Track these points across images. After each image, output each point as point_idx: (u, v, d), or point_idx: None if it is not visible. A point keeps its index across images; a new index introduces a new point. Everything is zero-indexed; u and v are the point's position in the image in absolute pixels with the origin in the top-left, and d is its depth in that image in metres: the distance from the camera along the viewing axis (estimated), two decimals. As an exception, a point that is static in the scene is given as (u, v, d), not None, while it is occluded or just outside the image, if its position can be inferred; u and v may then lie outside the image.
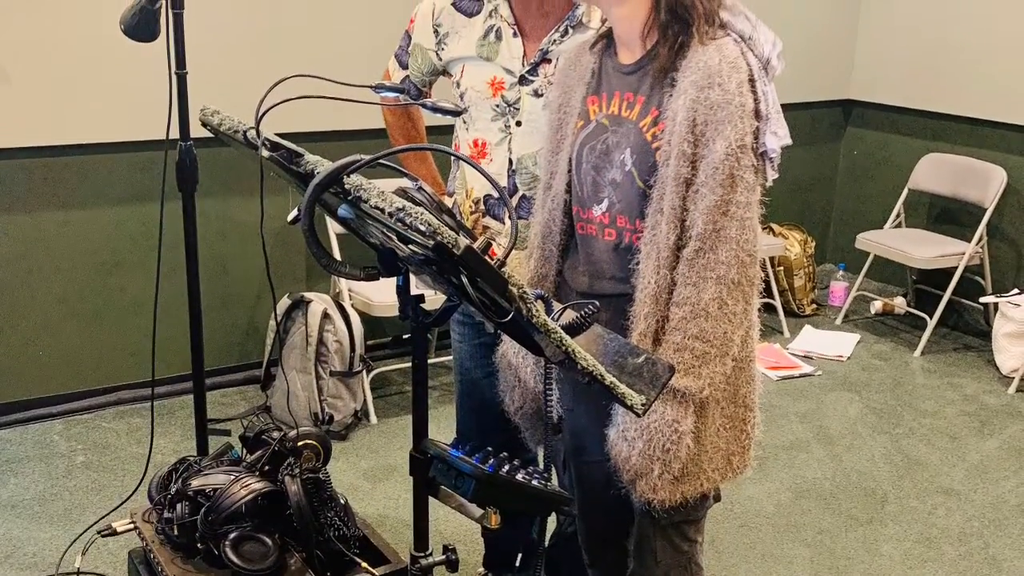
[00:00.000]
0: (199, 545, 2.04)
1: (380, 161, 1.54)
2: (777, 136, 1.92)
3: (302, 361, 4.01)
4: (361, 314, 4.16)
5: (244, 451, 2.26)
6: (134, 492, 3.27)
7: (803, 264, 5.56)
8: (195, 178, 2.82)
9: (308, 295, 4.10)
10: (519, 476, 1.71)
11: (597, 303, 1.71)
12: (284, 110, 1.69)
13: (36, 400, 4.07)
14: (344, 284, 4.27)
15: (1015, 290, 4.99)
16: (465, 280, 1.42)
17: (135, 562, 2.17)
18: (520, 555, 2.60)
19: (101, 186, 4.02)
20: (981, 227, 5.08)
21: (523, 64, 2.36)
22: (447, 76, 2.55)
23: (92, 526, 3.15)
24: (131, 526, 2.23)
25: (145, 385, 4.12)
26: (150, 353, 3.13)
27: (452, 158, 2.66)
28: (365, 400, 4.16)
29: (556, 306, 1.76)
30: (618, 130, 1.98)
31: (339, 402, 4.02)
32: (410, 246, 1.44)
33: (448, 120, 2.30)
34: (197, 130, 2.33)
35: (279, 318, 4.14)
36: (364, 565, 2.07)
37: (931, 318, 5.14)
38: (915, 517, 3.56)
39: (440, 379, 4.44)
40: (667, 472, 1.90)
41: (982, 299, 5.15)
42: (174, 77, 2.72)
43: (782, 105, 1.95)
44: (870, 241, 5.30)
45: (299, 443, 2.21)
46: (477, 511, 1.76)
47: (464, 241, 1.34)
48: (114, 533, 2.28)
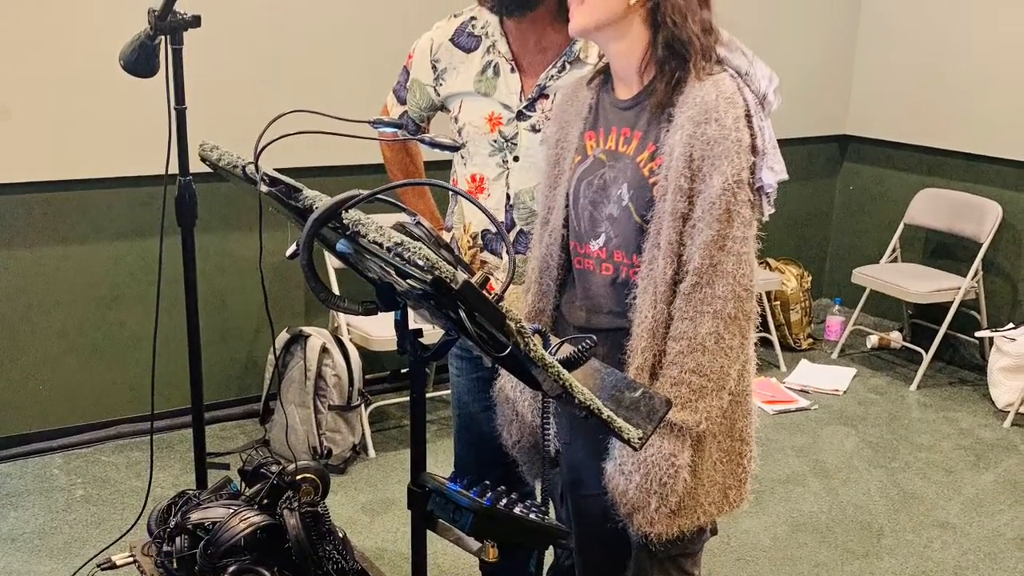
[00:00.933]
0: (198, 579, 2.04)
1: (378, 196, 1.55)
2: (774, 171, 1.93)
3: (301, 395, 4.02)
4: (359, 348, 4.17)
5: (243, 485, 2.26)
6: (133, 525, 3.25)
7: (799, 299, 5.58)
8: (194, 213, 2.82)
9: (307, 329, 4.11)
10: (517, 509, 1.71)
11: (594, 337, 1.71)
12: (283, 145, 1.71)
13: (36, 434, 4.07)
14: (342, 319, 4.28)
15: (1010, 324, 4.99)
16: (463, 314, 1.43)
17: (134, 596, 2.17)
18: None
19: (101, 221, 4.04)
20: (977, 262, 5.09)
21: (521, 99, 2.37)
22: (445, 111, 2.56)
23: (92, 559, 3.12)
24: (130, 559, 2.23)
25: (144, 419, 4.12)
26: (149, 387, 3.13)
27: (450, 193, 2.67)
28: (363, 434, 4.16)
29: (553, 340, 1.76)
30: (615, 165, 2.00)
31: (337, 436, 4.01)
32: (408, 281, 1.45)
33: (446, 155, 2.32)
34: (196, 165, 2.35)
35: (278, 352, 4.14)
36: (362, 599, 2.07)
37: (927, 352, 5.14)
38: (911, 551, 3.55)
39: (438, 413, 4.44)
40: (664, 505, 1.90)
41: (978, 333, 5.15)
42: (173, 112, 2.73)
43: (778, 140, 1.97)
44: (866, 276, 5.31)
45: (298, 477, 2.21)
46: (475, 544, 1.75)
47: (462, 276, 1.35)
48: (113, 566, 2.27)
